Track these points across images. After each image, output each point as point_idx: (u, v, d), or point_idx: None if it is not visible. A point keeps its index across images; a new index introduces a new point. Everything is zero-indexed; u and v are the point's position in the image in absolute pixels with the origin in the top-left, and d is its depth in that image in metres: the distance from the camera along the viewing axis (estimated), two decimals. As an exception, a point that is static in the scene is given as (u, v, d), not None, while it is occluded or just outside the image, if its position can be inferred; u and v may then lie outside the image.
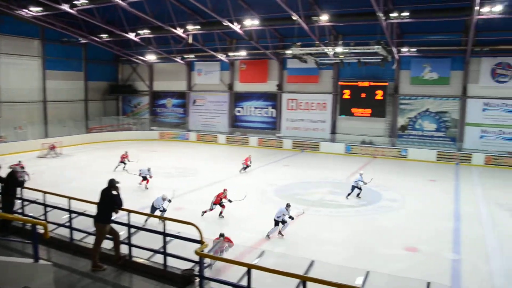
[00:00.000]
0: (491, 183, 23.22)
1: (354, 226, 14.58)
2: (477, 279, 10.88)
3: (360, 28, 27.57)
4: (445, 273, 11.04)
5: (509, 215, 16.83)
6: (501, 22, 23.60)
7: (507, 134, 28.61)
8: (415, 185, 21.73)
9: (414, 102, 30.56)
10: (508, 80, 28.15)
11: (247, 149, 32.72)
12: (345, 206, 17.14)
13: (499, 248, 12.98)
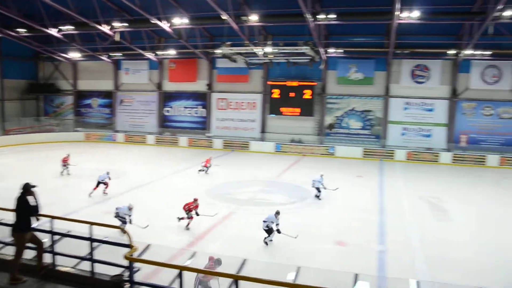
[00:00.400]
0: (412, 177, 25.00)
1: (284, 222, 14.55)
2: (401, 267, 11.63)
3: (289, 29, 28.85)
4: (372, 264, 11.73)
5: (429, 207, 18.14)
6: (419, 27, 25.92)
7: (426, 131, 31.05)
8: (343, 181, 22.52)
9: (340, 101, 32.28)
10: (425, 80, 30.66)
11: (177, 150, 32.80)
12: (276, 204, 17.41)
13: (420, 237, 14.00)
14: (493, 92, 30.09)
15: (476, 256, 12.68)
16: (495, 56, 28.74)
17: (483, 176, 26.30)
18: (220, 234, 13.71)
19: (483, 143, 30.63)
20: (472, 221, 16.52)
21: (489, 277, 11.08)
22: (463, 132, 30.85)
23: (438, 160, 29.87)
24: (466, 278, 10.83)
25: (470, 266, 11.93)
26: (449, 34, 28.91)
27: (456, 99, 30.68)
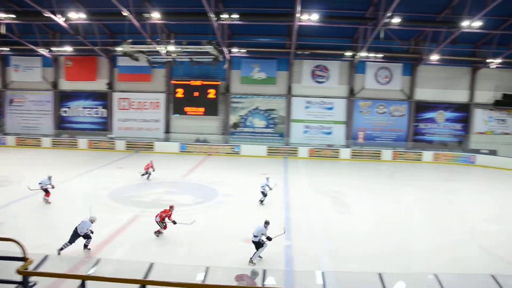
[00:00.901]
0: (315, 173, 26.72)
1: (192, 224, 14.69)
2: (306, 260, 12.33)
3: (192, 28, 29.65)
4: (280, 259, 12.29)
5: (331, 201, 19.44)
6: (319, 29, 28.00)
7: (326, 129, 33.52)
8: (248, 179, 23.47)
9: (245, 100, 33.74)
10: (325, 80, 33.16)
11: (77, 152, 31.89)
12: (181, 205, 17.55)
13: (323, 230, 14.94)
14: (385, 91, 33.45)
15: (375, 245, 13.77)
16: (386, 58, 32.03)
17: (379, 170, 28.82)
18: (126, 238, 13.36)
19: (378, 139, 33.83)
20: (371, 212, 17.98)
21: (388, 263, 12.16)
22: (360, 129, 33.82)
23: (339, 156, 32.34)
24: (367, 266, 11.67)
25: (370, 254, 12.95)
26: (346, 36, 31.62)
27: (353, 98, 33.58)
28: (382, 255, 12.84)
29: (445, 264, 12.17)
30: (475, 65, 33.24)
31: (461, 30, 25.84)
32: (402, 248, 13.68)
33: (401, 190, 23.02)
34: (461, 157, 32.30)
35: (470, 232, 15.68)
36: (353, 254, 12.93)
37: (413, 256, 12.99)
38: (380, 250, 13.24)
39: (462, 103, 34.20)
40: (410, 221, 16.93)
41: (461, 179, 27.16)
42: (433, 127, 34.32)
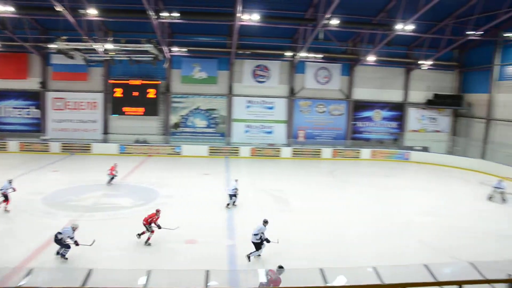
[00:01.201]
0: (256, 172, 27.56)
1: (133, 227, 14.16)
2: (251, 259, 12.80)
3: (131, 26, 29.52)
4: (223, 259, 12.65)
5: (273, 199, 20.24)
6: (260, 29, 28.77)
7: (267, 128, 34.57)
8: (190, 180, 23.90)
9: (185, 100, 34.06)
10: (266, 80, 34.15)
11: (6, 156, 30.87)
12: (121, 208, 17.37)
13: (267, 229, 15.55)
14: (325, 91, 34.98)
15: (317, 241, 14.55)
16: (326, 59, 33.50)
17: (320, 168, 30.15)
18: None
19: (318, 138, 35.34)
20: (313, 210, 18.87)
21: (330, 258, 12.86)
22: (300, 128, 35.17)
23: (280, 155, 33.45)
24: (309, 262, 12.09)
25: (312, 250, 13.67)
26: (286, 37, 32.79)
27: (294, 98, 34.83)
28: (323, 251, 13.62)
29: (383, 255, 13.14)
30: (409, 66, 35.52)
31: (396, 33, 27.68)
32: (343, 243, 14.60)
33: (341, 187, 24.35)
34: (396, 154, 34.43)
35: (406, 224, 16.99)
36: (296, 251, 13.61)
37: (353, 250, 13.88)
38: (322, 246, 14.02)
39: (397, 102, 36.44)
40: (350, 217, 17.97)
41: (397, 175, 29.03)
42: (370, 126, 36.33)
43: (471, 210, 20.16)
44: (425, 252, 14.04)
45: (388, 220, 17.46)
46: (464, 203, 21.57)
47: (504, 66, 31.99)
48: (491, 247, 14.86)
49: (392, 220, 17.53)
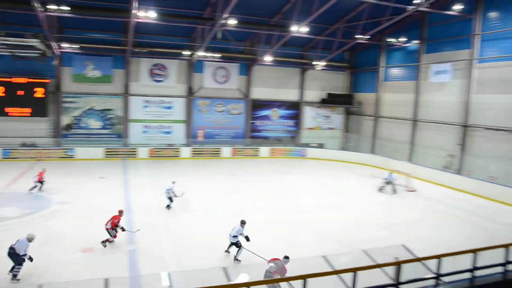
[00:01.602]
0: (156, 173, 27.74)
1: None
2: (152, 263, 12.84)
3: (14, 18, 27.80)
4: (124, 265, 12.54)
5: (174, 200, 20.29)
6: (157, 26, 28.93)
7: (166, 128, 35.02)
8: (86, 184, 23.37)
9: (78, 100, 33.16)
10: (163, 79, 34.47)
11: None
12: (6, 218, 16.53)
13: (167, 231, 15.68)
14: (223, 90, 36.20)
15: (220, 240, 14.74)
16: (224, 58, 34.66)
17: (220, 167, 31.22)
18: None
19: (218, 137, 36.54)
20: (214, 209, 19.60)
21: (232, 256, 13.45)
22: (200, 128, 36.10)
23: (179, 155, 34.06)
24: (213, 261, 12.58)
25: (215, 249, 14.13)
26: (184, 36, 33.30)
27: (192, 97, 35.62)
28: (222, 249, 14.15)
29: (285, 250, 13.34)
30: (304, 66, 37.97)
31: (291, 34, 29.60)
32: (243, 240, 15.03)
33: (241, 185, 25.59)
34: (294, 151, 36.76)
35: (305, 218, 18.42)
36: (199, 251, 14.13)
37: (256, 246, 14.28)
38: (224, 244, 14.41)
39: (293, 101, 38.81)
40: (252, 214, 18.57)
41: (295, 171, 31.12)
42: (268, 124, 38.32)
43: (364, 201, 22.57)
44: (323, 243, 15.39)
45: (288, 215, 18.82)
46: (358, 195, 23.98)
47: (388, 68, 35.55)
48: (383, 234, 16.78)
49: (291, 215, 18.94)
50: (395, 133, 34.23)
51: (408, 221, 19.08)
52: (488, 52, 26.15)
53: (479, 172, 25.58)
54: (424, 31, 31.16)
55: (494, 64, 25.76)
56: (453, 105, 28.35)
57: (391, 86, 35.26)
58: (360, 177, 29.25)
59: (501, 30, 25.26)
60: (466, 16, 26.88)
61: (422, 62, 31.41)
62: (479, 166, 25.87)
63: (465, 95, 27.34)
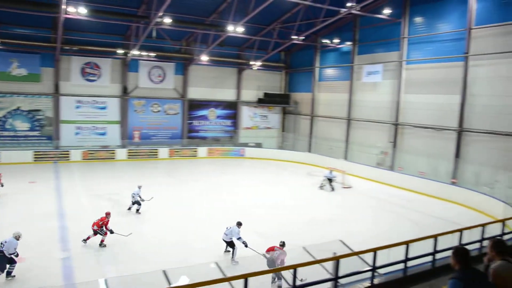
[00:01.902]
0: (90, 176, 26.75)
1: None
2: (88, 270, 12.33)
3: None
4: (57, 274, 11.90)
5: (111, 204, 19.82)
6: (88, 23, 27.79)
7: (100, 129, 33.88)
8: (13, 190, 21.87)
9: (2, 100, 31.10)
10: (97, 78, 33.31)
11: None
12: None
13: (109, 235, 14.66)
14: (159, 90, 35.66)
15: (161, 242, 14.87)
16: (159, 57, 34.19)
17: (157, 168, 30.78)
18: None
19: (154, 138, 35.95)
20: (152, 210, 19.21)
21: (174, 259, 13.07)
22: (135, 128, 35.31)
23: (115, 157, 33.11)
24: (152, 264, 12.15)
25: (155, 253, 13.87)
26: (118, 34, 32.41)
27: (127, 97, 34.74)
28: (166, 252, 14.07)
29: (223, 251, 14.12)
30: (241, 66, 38.28)
31: (227, 34, 29.63)
32: (185, 242, 15.32)
33: (180, 186, 25.27)
34: (232, 151, 36.93)
35: (245, 218, 18.28)
36: (138, 255, 13.85)
37: (195, 249, 14.66)
38: (165, 247, 14.49)
39: (230, 101, 39.01)
40: (190, 216, 18.88)
41: (234, 171, 31.32)
42: (206, 124, 38.27)
43: (302, 199, 23.12)
44: (263, 242, 15.23)
45: (227, 216, 18.49)
46: (296, 193, 24.55)
47: (323, 69, 36.68)
48: (322, 230, 17.24)
49: (230, 216, 18.62)
50: (331, 131, 35.38)
51: (344, 216, 19.87)
52: (415, 55, 27.78)
53: (410, 168, 27.11)
54: (356, 33, 32.50)
55: (420, 66, 27.42)
56: (385, 104, 29.80)
57: (326, 86, 36.42)
58: (297, 175, 30.02)
59: (425, 34, 26.95)
60: (395, 20, 28.36)
61: (355, 63, 32.73)
62: (410, 162, 27.42)
63: (396, 95, 28.83)
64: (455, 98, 24.62)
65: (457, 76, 24.50)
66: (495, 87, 22.81)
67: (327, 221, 18.93)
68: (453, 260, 4.58)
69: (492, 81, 22.99)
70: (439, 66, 25.96)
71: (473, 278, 4.35)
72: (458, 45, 24.56)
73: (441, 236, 8.46)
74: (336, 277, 7.04)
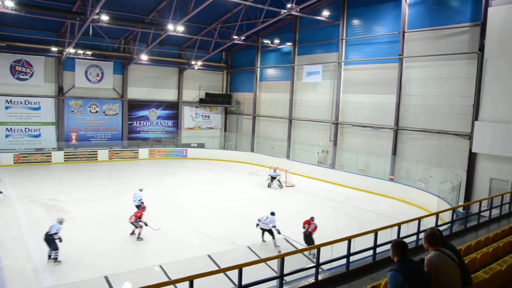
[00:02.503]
0: (24, 181, 25.19)
1: None
2: (24, 280, 11.67)
3: None
4: None
5: (47, 210, 18.90)
6: (18, 18, 26.01)
7: (34, 131, 32.19)
8: None
9: None
10: (28, 77, 31.60)
11: None
12: None
13: (40, 245, 13.84)
14: (97, 90, 34.51)
15: (102, 247, 14.37)
16: (97, 56, 33.11)
17: (96, 171, 29.72)
18: None
19: (93, 139, 34.73)
20: (92, 214, 18.53)
21: (118, 263, 12.72)
22: (73, 130, 33.91)
23: (51, 160, 31.53)
24: (95, 271, 11.58)
25: (98, 259, 13.36)
26: (51, 30, 30.97)
27: (63, 97, 33.26)
28: (110, 258, 13.63)
29: (170, 253, 13.77)
30: (182, 66, 37.94)
31: (168, 33, 29.18)
32: (129, 246, 14.95)
33: (121, 188, 24.52)
34: (174, 152, 36.48)
35: (188, 219, 18.32)
36: (78, 261, 13.32)
37: (140, 252, 14.39)
38: (108, 253, 14.04)
39: (172, 101, 38.54)
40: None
41: (176, 172, 30.91)
42: (147, 125, 37.54)
43: (245, 199, 23.28)
44: (208, 242, 15.51)
45: (170, 218, 18.56)
46: (240, 193, 24.75)
47: (264, 69, 37.15)
48: None
49: (174, 217, 18.77)
50: (273, 131, 35.92)
51: (288, 215, 20.13)
52: (353, 56, 28.91)
53: (350, 166, 28.10)
54: (296, 34, 33.27)
55: (358, 67, 28.56)
56: (325, 104, 30.72)
57: (268, 86, 36.92)
58: (240, 175, 30.28)
59: (362, 36, 28.12)
60: (333, 22, 29.33)
61: (296, 63, 33.49)
62: (350, 160, 28.43)
63: (335, 94, 29.82)
64: (392, 98, 25.86)
65: (392, 77, 25.77)
66: (427, 87, 24.24)
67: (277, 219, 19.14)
68: (392, 253, 4.80)
69: (425, 82, 24.42)
70: (376, 67, 27.16)
71: (411, 269, 4.56)
72: (393, 47, 25.84)
73: (381, 231, 8.81)
74: (281, 275, 7.10)
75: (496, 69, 20.05)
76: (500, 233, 9.48)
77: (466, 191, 21.72)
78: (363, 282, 7.53)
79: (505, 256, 7.48)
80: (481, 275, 6.03)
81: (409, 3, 24.99)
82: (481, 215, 11.95)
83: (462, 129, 22.37)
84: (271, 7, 26.54)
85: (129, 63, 34.96)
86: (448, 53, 22.85)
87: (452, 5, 23.07)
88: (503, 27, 19.73)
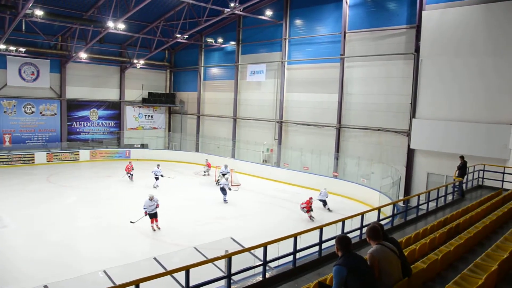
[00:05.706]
0: None
1: None
2: None
3: None
4: None
5: None
6: None
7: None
8: None
9: None
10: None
11: None
12: None
13: None
14: (33, 89, 32.85)
15: (40, 256, 13.71)
16: (31, 53, 31.51)
17: (34, 174, 28.17)
18: None
19: (29, 141, 33.03)
20: (30, 222, 17.54)
21: (59, 271, 12.12)
22: (6, 132, 32.05)
23: (-19, 164, 29.80)
24: (35, 281, 11.08)
25: (38, 268, 12.76)
26: (-21, 26, 29.09)
27: (-4, 97, 31.49)
28: (53, 266, 13.04)
29: (115, 258, 13.30)
30: (123, 65, 36.95)
31: (108, 30, 28.24)
32: (73, 253, 14.35)
33: (60, 193, 23.50)
34: (117, 153, 35.42)
35: (133, 223, 17.69)
36: (15, 270, 12.73)
37: (84, 258, 13.81)
38: (50, 261, 13.47)
39: (113, 101, 37.44)
40: (75, 224, 17.63)
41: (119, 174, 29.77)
42: (87, 126, 36.22)
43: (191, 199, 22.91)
44: (154, 245, 15.32)
45: (115, 222, 17.98)
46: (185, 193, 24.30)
47: (208, 68, 36.95)
48: (212, 229, 17.23)
49: (117, 221, 18.07)
50: (218, 130, 35.81)
51: (234, 213, 20.28)
52: (296, 55, 29.40)
53: (295, 164, 28.56)
54: (240, 33, 33.33)
55: (301, 66, 29.09)
56: (269, 103, 31.03)
57: (212, 85, 36.77)
58: (185, 175, 29.84)
59: (305, 36, 28.65)
60: (276, 22, 29.67)
61: (239, 62, 33.56)
62: (295, 158, 28.89)
63: (279, 93, 30.19)
64: (334, 96, 26.55)
65: (334, 76, 26.46)
66: (368, 86, 25.12)
67: (217, 219, 19.12)
68: (336, 248, 4.98)
69: (365, 81, 25.29)
70: (319, 67, 27.78)
71: (355, 263, 4.76)
72: (335, 47, 26.53)
73: (326, 227, 9.02)
74: (229, 275, 7.11)
75: (430, 69, 21.12)
76: (436, 224, 9.98)
77: (406, 186, 22.74)
78: (310, 278, 7.69)
79: (441, 245, 7.90)
80: (419, 265, 6.32)
81: (350, 5, 25.75)
82: (419, 208, 12.49)
83: (401, 126, 23.35)
84: (215, 6, 26.43)
85: (67, 61, 33.57)
86: (387, 54, 23.80)
87: (389, 8, 24.02)
88: (436, 30, 20.83)
